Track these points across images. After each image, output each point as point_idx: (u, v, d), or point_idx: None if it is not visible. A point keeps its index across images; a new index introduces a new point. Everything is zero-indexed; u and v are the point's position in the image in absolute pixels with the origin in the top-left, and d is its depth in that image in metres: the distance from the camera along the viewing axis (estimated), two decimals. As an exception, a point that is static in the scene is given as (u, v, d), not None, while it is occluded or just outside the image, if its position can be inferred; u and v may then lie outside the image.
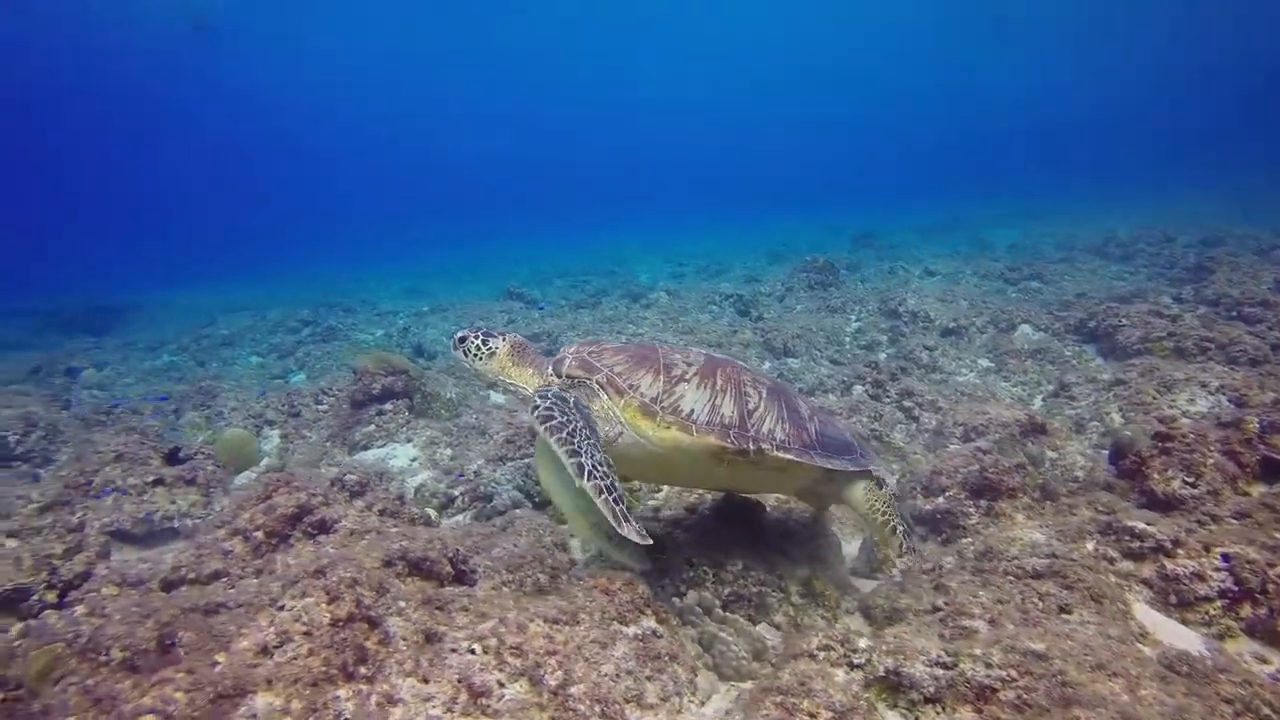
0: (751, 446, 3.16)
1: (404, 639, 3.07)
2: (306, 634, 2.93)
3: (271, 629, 2.99)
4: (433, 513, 5.19)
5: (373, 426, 7.10)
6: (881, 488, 3.69)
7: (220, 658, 2.95)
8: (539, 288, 17.13)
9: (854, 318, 10.65)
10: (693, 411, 3.16)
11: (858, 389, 6.93)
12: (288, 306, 18.87)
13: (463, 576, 3.66)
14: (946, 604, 3.19)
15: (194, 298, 26.84)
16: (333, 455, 7.01)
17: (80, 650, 3.66)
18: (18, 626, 4.23)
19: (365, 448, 6.97)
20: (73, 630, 3.94)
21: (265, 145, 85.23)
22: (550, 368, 3.45)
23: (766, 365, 8.79)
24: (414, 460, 6.57)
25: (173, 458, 6.44)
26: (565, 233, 43.17)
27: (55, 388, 11.03)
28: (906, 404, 6.51)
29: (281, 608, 3.26)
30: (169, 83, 53.73)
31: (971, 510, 4.15)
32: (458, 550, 3.72)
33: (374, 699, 2.75)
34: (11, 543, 5.30)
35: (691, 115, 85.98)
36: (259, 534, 4.56)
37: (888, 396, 6.66)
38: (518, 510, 4.99)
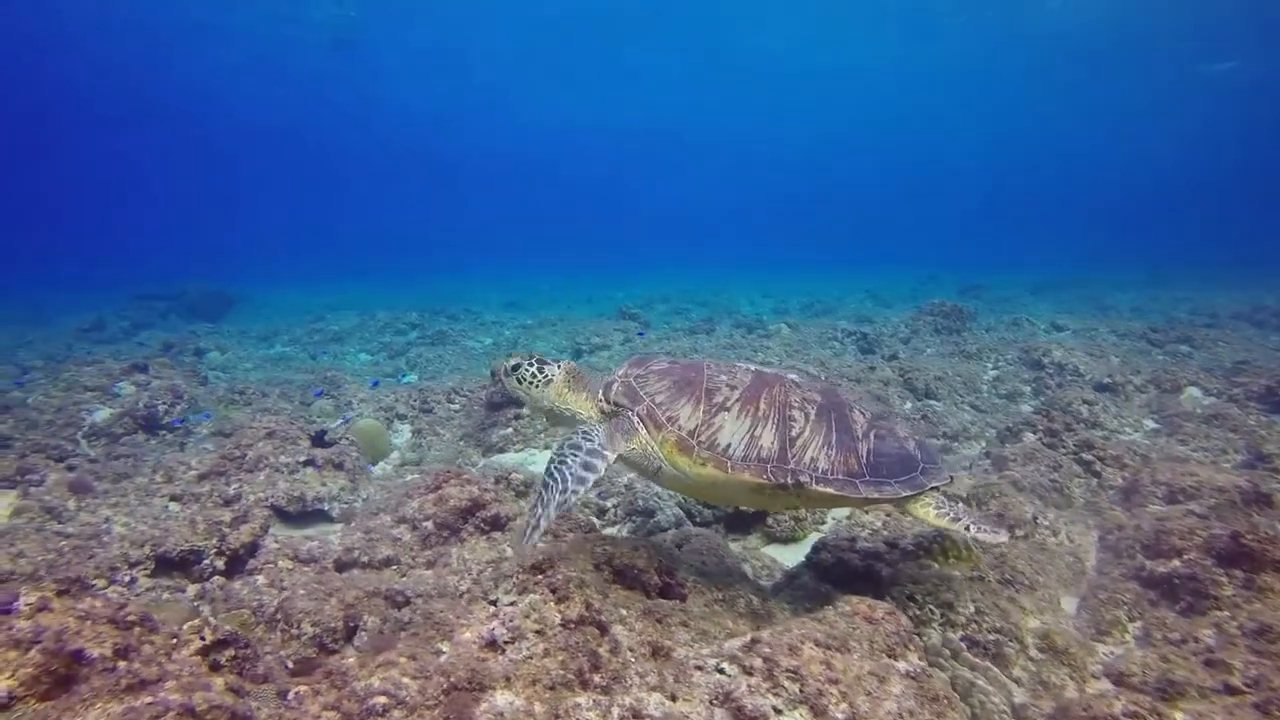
0: (790, 481, 2.93)
1: (631, 649, 2.84)
2: (539, 633, 2.73)
3: (497, 623, 2.79)
4: (595, 520, 4.98)
5: (510, 429, 6.99)
6: (949, 497, 3.27)
7: (444, 647, 2.76)
8: (644, 311, 17.09)
9: (990, 365, 10.11)
10: (730, 445, 2.98)
11: (1029, 436, 6.45)
12: (393, 310, 19.32)
13: (669, 589, 3.41)
14: (1248, 684, 2.77)
15: (296, 294, 27.97)
16: (468, 456, 6.92)
17: (269, 619, 3.58)
18: (194, 588, 4.20)
19: (501, 450, 6.85)
20: (256, 599, 3.88)
21: (363, 156, 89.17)
22: (601, 391, 3.31)
23: (908, 405, 8.37)
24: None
25: (319, 440, 6.46)
26: (657, 262, 43.63)
27: (187, 365, 11.41)
28: (1085, 457, 6.00)
29: (495, 601, 3.07)
30: (285, 91, 56.85)
31: (1223, 579, 3.68)
32: (661, 561, 3.48)
33: (616, 711, 2.50)
34: (174, 505, 5.36)
35: (784, 160, 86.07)
36: (429, 524, 4.44)
37: (1064, 447, 6.16)
38: (690, 528, 4.74)
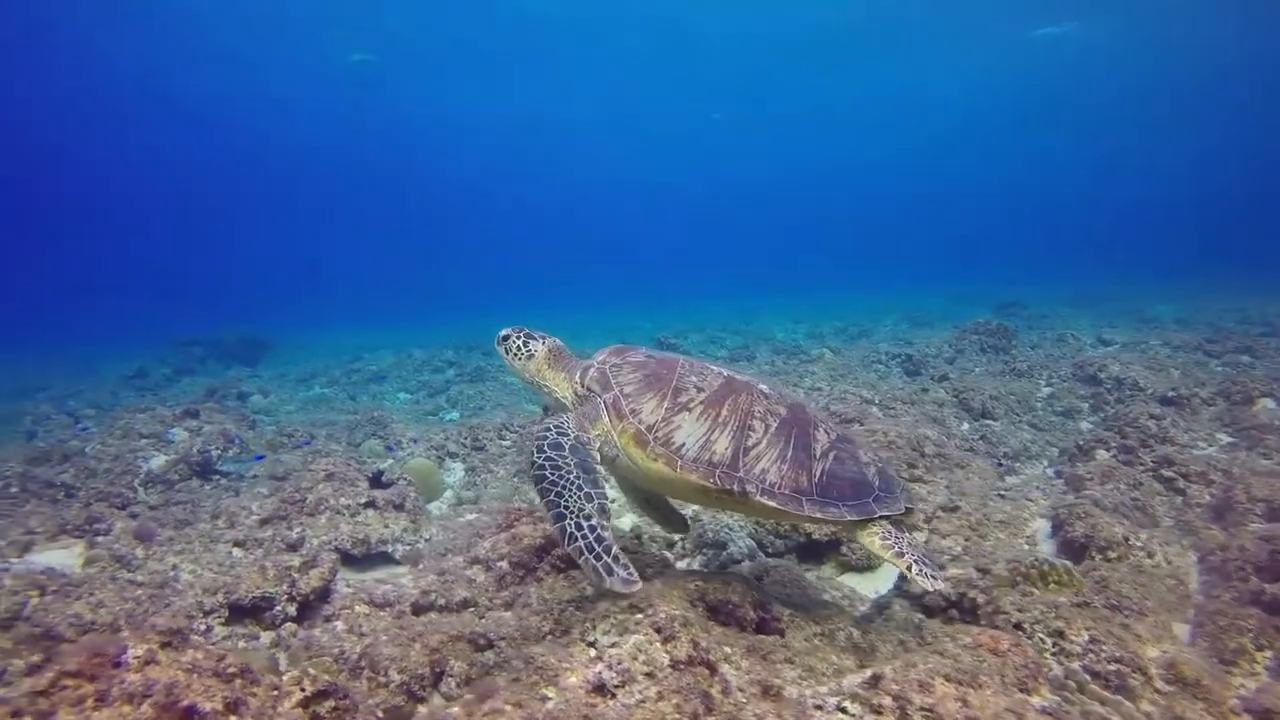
0: (736, 488, 3.00)
1: (741, 690, 2.71)
2: (649, 675, 2.61)
3: (603, 665, 2.68)
4: (669, 555, 4.85)
5: (564, 464, 6.89)
6: (899, 526, 3.25)
7: (549, 693, 2.65)
8: (681, 341, 17.04)
9: (1043, 382, 9.87)
10: (683, 445, 3.07)
11: (1102, 453, 6.24)
12: (428, 348, 19.44)
13: (765, 624, 3.28)
14: None
15: (327, 337, 28.28)
16: (524, 493, 6.83)
17: (353, 667, 3.48)
18: (267, 635, 4.13)
19: (556, 485, 6.76)
20: (337, 646, 3.79)
21: (379, 199, 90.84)
22: (579, 375, 3.44)
23: (965, 426, 8.16)
24: (614, 501, 6.29)
25: (377, 481, 6.41)
26: (681, 293, 43.80)
27: (233, 409, 11.51)
28: (1166, 474, 5.77)
29: (595, 643, 2.96)
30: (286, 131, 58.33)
31: (1358, 602, 3.47)
32: (755, 595, 3.36)
33: (739, 758, 2.38)
34: (238, 551, 5.32)
35: (803, 183, 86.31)
36: (503, 564, 4.35)
37: (1141, 464, 5.94)
38: (764, 560, 4.60)
